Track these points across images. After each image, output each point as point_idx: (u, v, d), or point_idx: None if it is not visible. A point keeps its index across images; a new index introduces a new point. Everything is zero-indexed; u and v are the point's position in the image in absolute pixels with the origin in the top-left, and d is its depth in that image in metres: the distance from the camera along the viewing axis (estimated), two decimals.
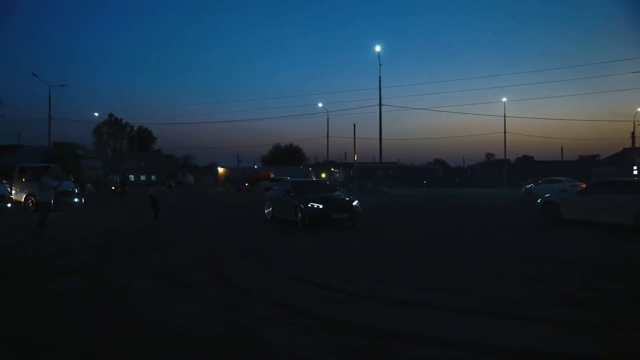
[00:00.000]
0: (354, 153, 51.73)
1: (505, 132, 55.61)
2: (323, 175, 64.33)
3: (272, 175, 47.40)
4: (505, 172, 56.53)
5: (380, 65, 39.62)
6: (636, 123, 52.58)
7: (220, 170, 70.47)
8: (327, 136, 57.77)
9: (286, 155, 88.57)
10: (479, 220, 16.06)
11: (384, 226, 14.33)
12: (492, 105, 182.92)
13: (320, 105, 57.47)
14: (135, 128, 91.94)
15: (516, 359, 3.97)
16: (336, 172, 72.17)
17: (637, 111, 51.24)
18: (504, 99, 56.27)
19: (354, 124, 52.77)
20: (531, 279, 6.86)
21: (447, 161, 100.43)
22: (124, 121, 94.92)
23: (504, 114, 55.55)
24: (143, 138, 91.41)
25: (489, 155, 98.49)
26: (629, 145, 56.25)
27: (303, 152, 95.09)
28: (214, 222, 15.46)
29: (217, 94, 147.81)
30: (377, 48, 39.71)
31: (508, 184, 52.80)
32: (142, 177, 75.61)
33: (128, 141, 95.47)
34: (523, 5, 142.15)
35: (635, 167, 46.92)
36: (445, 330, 4.63)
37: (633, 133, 54.79)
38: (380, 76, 39.63)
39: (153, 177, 72.06)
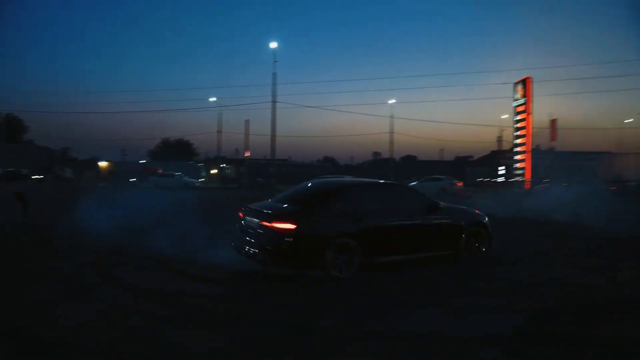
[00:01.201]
0: (246, 149, 51.43)
1: (392, 132, 58.76)
2: (214, 171, 63.02)
3: (159, 171, 45.43)
4: (391, 171, 59.66)
5: (275, 62, 39.77)
6: (502, 129, 58.83)
7: (103, 164, 66.00)
8: (219, 131, 56.78)
9: (176, 150, 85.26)
10: None
11: None
12: (380, 106, 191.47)
13: (212, 99, 56.31)
14: (3, 115, 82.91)
15: None
16: (228, 169, 70.98)
17: (504, 117, 57.12)
18: (391, 101, 59.42)
19: (247, 120, 52.49)
20: None
21: (337, 159, 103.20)
22: None
23: (391, 115, 58.70)
24: (12, 126, 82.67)
25: (376, 154, 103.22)
26: (496, 148, 62.74)
27: (193, 146, 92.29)
28: None
29: (101, 83, 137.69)
30: (273, 45, 39.85)
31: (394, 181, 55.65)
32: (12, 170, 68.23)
33: None
34: (413, 9, 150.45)
35: (500, 168, 52.02)
36: None
37: (499, 137, 61.02)
38: (274, 73, 39.70)
39: (24, 170, 65.46)
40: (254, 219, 6.97)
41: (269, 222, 6.61)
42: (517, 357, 4.04)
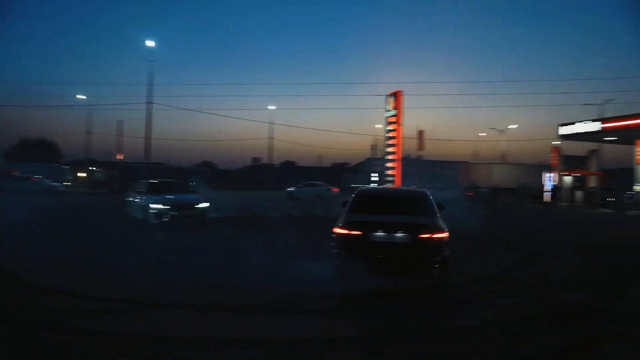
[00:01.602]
0: (119, 151, 48.60)
1: (271, 138, 59.31)
2: (83, 174, 58.52)
3: (16, 173, 41.11)
4: (270, 176, 60.29)
5: (152, 61, 38.13)
6: (376, 138, 62.59)
7: None
8: (89, 132, 53.07)
9: (37, 151, 77.68)
10: None
11: None
12: (261, 112, 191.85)
13: (81, 96, 52.41)
14: None
15: None
16: (98, 172, 66.33)
17: (378, 127, 60.70)
18: (271, 107, 60.06)
19: (120, 120, 49.61)
20: None
21: (216, 163, 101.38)
22: None
23: (271, 121, 59.29)
24: None
25: (256, 159, 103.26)
26: (371, 155, 66.50)
27: (59, 147, 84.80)
28: None
29: None
30: (150, 43, 38.07)
31: (273, 187, 56.31)
32: None
33: None
34: (296, 19, 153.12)
35: (374, 174, 55.30)
36: None
37: (374, 146, 64.68)
38: (151, 73, 38.09)
39: None
40: (397, 234, 7.01)
41: (431, 233, 7.04)
42: None
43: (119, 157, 50.07)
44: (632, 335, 5.11)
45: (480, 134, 75.28)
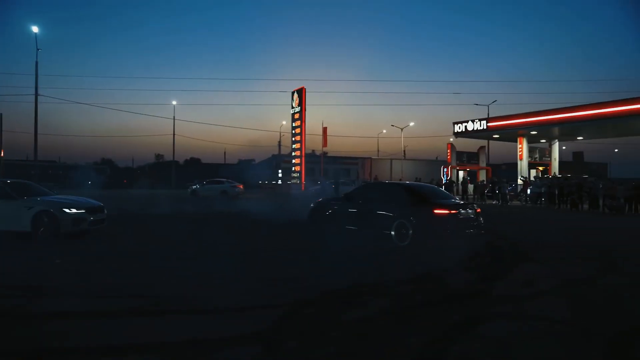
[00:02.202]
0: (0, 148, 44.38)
1: (174, 134, 57.38)
2: None
3: None
4: (174, 173, 58.38)
5: (38, 49, 35.06)
6: (282, 134, 62.95)
7: None
8: None
9: None
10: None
11: None
12: (162, 107, 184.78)
13: None
14: None
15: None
16: None
17: (283, 124, 61.02)
18: (174, 102, 58.18)
19: None
20: None
21: (116, 161, 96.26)
22: None
23: (174, 117, 57.36)
24: None
25: (159, 157, 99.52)
26: (277, 152, 66.82)
27: None
28: None
29: None
30: (35, 29, 35.09)
31: (176, 185, 54.63)
32: None
33: None
34: (203, 14, 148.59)
35: (279, 170, 55.60)
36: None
37: (279, 142, 65.02)
38: (37, 62, 34.97)
39: None
40: (471, 210, 11.20)
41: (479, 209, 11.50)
42: None
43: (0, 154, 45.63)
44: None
45: (382, 131, 78.29)
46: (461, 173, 41.38)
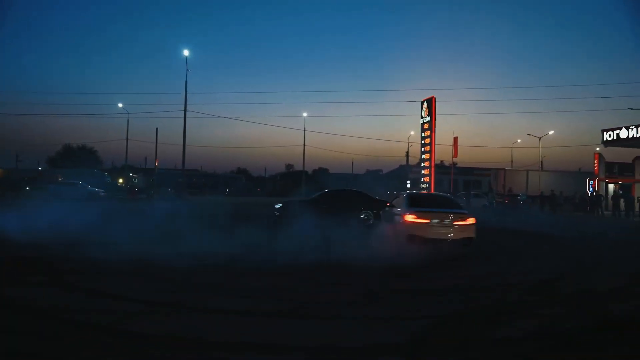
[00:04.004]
0: (156, 158, 49.72)
1: (305, 145, 59.64)
2: (120, 180, 60.15)
3: (60, 179, 42.60)
4: (304, 183, 60.60)
5: (188, 70, 38.90)
6: (409, 144, 62.21)
7: None
8: (127, 139, 54.58)
9: (78, 157, 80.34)
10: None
11: None
12: (294, 119, 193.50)
13: (120, 105, 53.91)
14: None
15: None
16: (135, 178, 68.11)
17: (411, 134, 60.25)
18: (304, 114, 60.45)
19: (156, 128, 50.66)
20: None
21: (250, 170, 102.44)
22: None
23: (304, 128, 59.61)
24: None
25: (289, 166, 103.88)
26: (405, 162, 66.04)
27: (98, 154, 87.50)
28: None
29: None
30: (185, 52, 39.02)
31: (306, 193, 56.57)
32: None
33: None
34: (328, 25, 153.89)
35: (408, 181, 54.83)
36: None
37: (407, 153, 64.25)
38: (186, 81, 38.80)
39: None
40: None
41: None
42: None
43: (156, 163, 51.09)
44: None
45: (517, 141, 73.73)
46: (611, 186, 37.30)
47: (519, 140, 68.54)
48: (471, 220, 11.32)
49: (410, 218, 11.27)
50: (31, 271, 7.98)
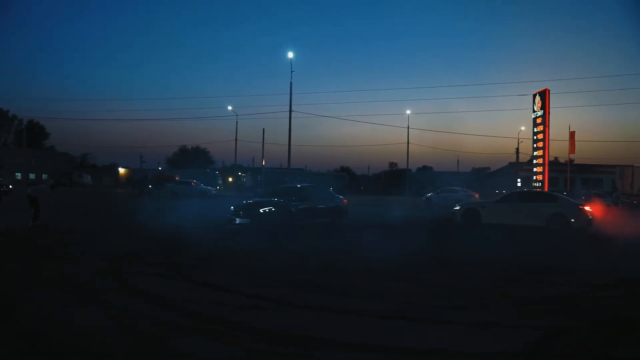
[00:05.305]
0: (262, 158, 51.65)
1: (408, 143, 58.63)
2: (230, 179, 63.35)
3: (177, 178, 45.87)
4: (407, 181, 59.53)
5: (292, 71, 39.88)
6: (520, 141, 58.35)
7: (122, 170, 66.94)
8: (236, 140, 57.21)
9: (192, 158, 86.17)
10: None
11: None
12: (397, 117, 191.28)
13: (229, 108, 56.79)
14: (25, 121, 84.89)
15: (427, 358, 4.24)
16: (243, 177, 71.48)
17: (521, 130, 56.62)
18: (408, 111, 59.39)
19: (263, 129, 52.62)
20: None
21: (353, 169, 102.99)
22: (10, 113, 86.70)
23: (408, 126, 58.56)
24: (34, 133, 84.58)
25: (392, 165, 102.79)
26: (514, 159, 62.20)
27: (210, 154, 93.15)
28: None
29: (120, 91, 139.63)
30: (290, 55, 40.00)
31: (410, 192, 55.53)
32: (32, 176, 69.76)
33: (15, 136, 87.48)
34: (429, 21, 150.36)
35: (519, 180, 51.54)
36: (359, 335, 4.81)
37: (517, 149, 60.38)
38: (291, 83, 39.79)
39: (44, 176, 66.81)
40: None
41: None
42: None
43: (263, 163, 53.10)
44: None
45: None
46: None
47: None
48: None
49: None
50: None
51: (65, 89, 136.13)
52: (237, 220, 14.12)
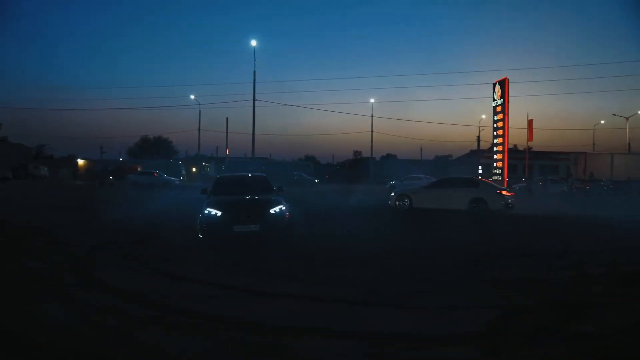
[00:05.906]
0: (226, 147, 51.22)
1: (372, 131, 59.18)
2: (194, 169, 62.51)
3: (139, 169, 44.99)
4: (372, 169, 60.19)
5: (256, 60, 39.51)
6: (481, 129, 59.92)
7: (81, 162, 65.00)
8: (199, 129, 56.46)
9: (155, 148, 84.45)
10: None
11: None
12: (360, 105, 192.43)
13: (192, 97, 56.06)
14: None
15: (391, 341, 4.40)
16: (207, 167, 70.59)
17: (482, 118, 58.09)
18: (372, 100, 59.86)
19: (227, 118, 52.31)
20: None
21: (318, 158, 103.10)
22: None
23: (372, 114, 59.10)
24: None
25: (357, 153, 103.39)
26: (475, 147, 63.81)
27: (173, 144, 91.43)
28: None
29: (78, 80, 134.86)
30: (253, 43, 39.60)
31: (374, 180, 56.20)
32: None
33: None
34: (394, 11, 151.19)
35: (480, 167, 52.95)
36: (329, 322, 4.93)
37: (478, 137, 61.95)
38: (255, 71, 39.45)
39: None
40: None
41: None
42: None
43: (227, 152, 52.71)
44: None
45: (599, 122, 68.87)
46: None
47: (602, 122, 64.49)
48: None
49: None
50: None
51: (19, 78, 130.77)
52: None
